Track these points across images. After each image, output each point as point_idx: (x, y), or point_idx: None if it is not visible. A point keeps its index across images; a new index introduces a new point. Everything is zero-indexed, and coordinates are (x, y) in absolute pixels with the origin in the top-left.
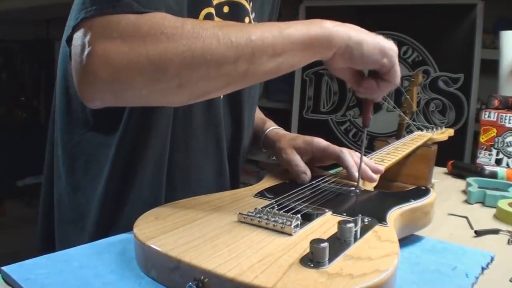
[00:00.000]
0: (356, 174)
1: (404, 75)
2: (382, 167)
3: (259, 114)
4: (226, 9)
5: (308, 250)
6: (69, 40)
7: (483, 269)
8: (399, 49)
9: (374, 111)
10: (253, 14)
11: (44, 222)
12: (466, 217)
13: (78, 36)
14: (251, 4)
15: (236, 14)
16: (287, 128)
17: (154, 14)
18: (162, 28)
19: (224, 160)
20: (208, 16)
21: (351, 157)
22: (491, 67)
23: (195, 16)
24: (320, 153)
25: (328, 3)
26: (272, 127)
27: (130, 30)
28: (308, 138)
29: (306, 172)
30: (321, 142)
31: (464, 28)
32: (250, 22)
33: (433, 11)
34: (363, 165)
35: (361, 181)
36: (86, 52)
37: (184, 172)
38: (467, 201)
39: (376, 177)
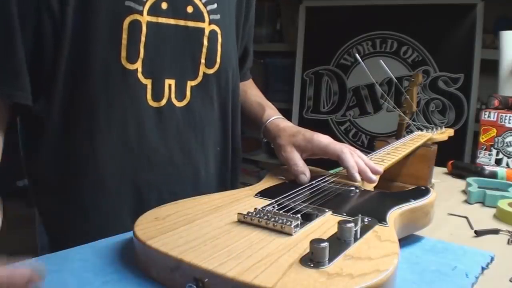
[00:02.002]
0: (357, 175)
1: (404, 75)
2: (381, 168)
3: (255, 97)
4: (164, 5)
5: (308, 250)
6: None
7: (483, 269)
8: (399, 49)
9: (374, 111)
10: None
11: None
12: (466, 217)
13: None
14: None
15: (175, 8)
16: None
17: None
18: None
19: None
20: (134, 24)
21: (352, 156)
22: (491, 67)
23: (118, 27)
24: (320, 152)
25: (328, 3)
26: (272, 117)
27: None
28: (308, 134)
29: (305, 172)
30: (321, 140)
31: (464, 28)
32: (195, 9)
33: (433, 11)
34: (363, 166)
35: (361, 181)
36: None
37: (156, 187)
38: (467, 201)
39: (376, 178)
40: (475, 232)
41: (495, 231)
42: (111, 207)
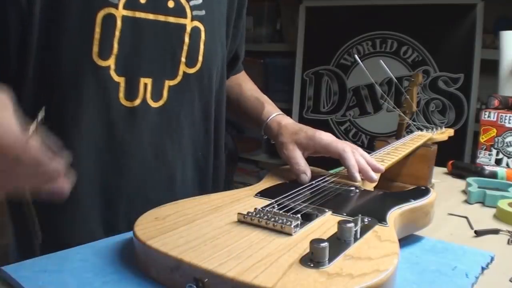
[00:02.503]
0: (357, 175)
1: (404, 75)
2: (383, 167)
3: (252, 91)
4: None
5: (308, 250)
6: None
7: (483, 269)
8: (399, 49)
9: (374, 111)
10: None
11: None
12: (466, 217)
13: None
14: None
15: (155, 2)
16: None
17: None
18: None
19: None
20: (108, 18)
21: (353, 155)
22: (491, 67)
23: (91, 20)
24: (322, 150)
25: (328, 3)
26: (273, 114)
27: None
28: (310, 132)
29: (306, 172)
30: (323, 138)
31: (464, 28)
32: (176, 4)
33: (433, 11)
34: (364, 165)
35: (361, 181)
36: None
37: (127, 193)
38: (467, 201)
39: (376, 178)
40: (475, 232)
41: (495, 231)
42: (78, 214)
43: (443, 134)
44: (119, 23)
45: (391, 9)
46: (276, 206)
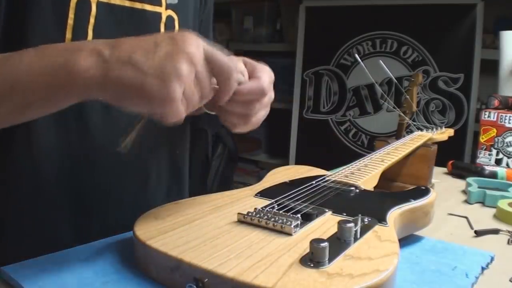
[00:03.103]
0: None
1: (404, 75)
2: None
3: None
4: None
5: (308, 250)
6: None
7: (483, 269)
8: (399, 49)
9: (374, 111)
10: None
11: None
12: (466, 217)
13: None
14: None
15: None
16: (287, 128)
17: None
18: None
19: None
20: (82, 3)
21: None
22: (491, 67)
23: (63, 7)
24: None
25: (328, 3)
26: None
27: None
28: None
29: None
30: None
31: (464, 28)
32: None
33: (433, 11)
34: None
35: (361, 180)
36: None
37: (99, 193)
38: (467, 201)
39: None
40: (475, 232)
41: (495, 231)
42: (47, 217)
43: (443, 134)
44: (94, 9)
45: (391, 9)
46: (276, 206)
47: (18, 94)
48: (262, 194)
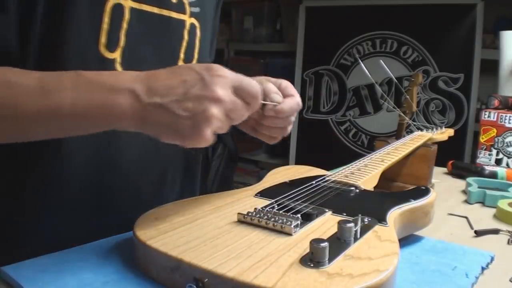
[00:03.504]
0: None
1: (404, 75)
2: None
3: None
4: None
5: (308, 250)
6: None
7: (483, 269)
8: (399, 49)
9: (374, 111)
10: None
11: None
12: (466, 217)
13: None
14: None
15: None
16: None
17: None
18: None
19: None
20: (117, 8)
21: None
22: (491, 67)
23: (100, 9)
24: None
25: (328, 3)
26: None
27: None
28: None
29: (278, 92)
30: (268, 84)
31: (464, 28)
32: (178, 0)
33: (433, 11)
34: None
35: (361, 180)
36: None
37: (118, 189)
38: (467, 201)
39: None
40: (475, 232)
41: (495, 231)
42: (68, 214)
43: (443, 134)
44: (127, 14)
45: (391, 9)
46: (276, 206)
47: (56, 120)
48: (262, 194)
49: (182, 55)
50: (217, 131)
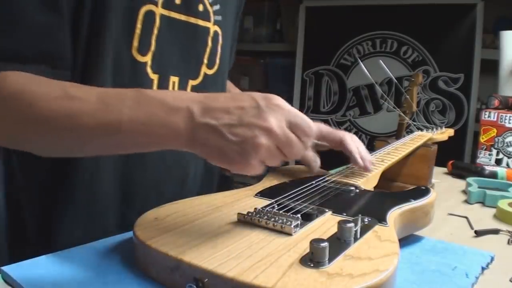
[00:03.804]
0: (360, 161)
1: (404, 75)
2: (380, 167)
3: (234, 90)
4: (178, 0)
5: (308, 250)
6: None
7: (483, 269)
8: (399, 49)
9: (374, 111)
10: None
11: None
12: (466, 217)
13: None
14: None
15: (189, 4)
16: None
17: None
18: (2, 94)
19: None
20: (149, 15)
21: (353, 143)
22: (491, 67)
23: (134, 15)
24: (321, 138)
25: (328, 3)
26: None
27: None
28: None
29: (316, 160)
30: (322, 126)
31: (464, 28)
32: (204, 8)
33: (433, 11)
34: (364, 152)
35: (361, 180)
36: None
37: (143, 185)
38: (467, 201)
39: (371, 168)
40: (475, 232)
41: (495, 231)
42: (99, 206)
43: (443, 134)
44: (157, 21)
45: (391, 9)
46: (276, 206)
47: (114, 135)
48: (262, 194)
49: (205, 61)
50: (267, 162)
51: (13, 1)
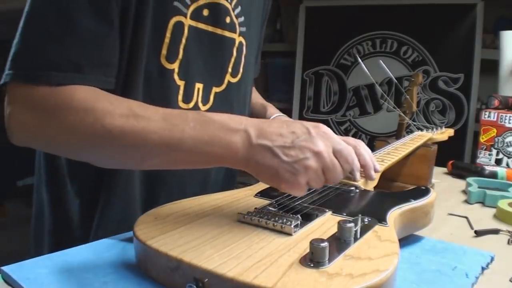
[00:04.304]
0: (357, 175)
1: (404, 75)
2: (380, 167)
3: (258, 99)
4: (206, 12)
5: (308, 250)
6: None
7: (483, 269)
8: (399, 49)
9: (374, 111)
10: (238, 8)
11: (35, 228)
12: (466, 217)
13: (5, 92)
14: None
15: (216, 16)
16: None
17: (68, 88)
18: (70, 107)
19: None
20: (178, 26)
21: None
22: (491, 67)
23: (163, 27)
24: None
25: (328, 3)
26: (275, 115)
27: (42, 103)
28: None
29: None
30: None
31: (464, 28)
32: (231, 20)
33: (433, 11)
34: (367, 161)
35: (361, 180)
36: (7, 111)
37: (167, 185)
38: (467, 201)
39: (375, 176)
40: (475, 232)
41: (495, 231)
42: (129, 200)
43: (443, 134)
44: (186, 31)
45: (391, 9)
46: (276, 206)
47: (175, 152)
48: (262, 194)
49: (230, 70)
50: (311, 184)
51: (67, 13)
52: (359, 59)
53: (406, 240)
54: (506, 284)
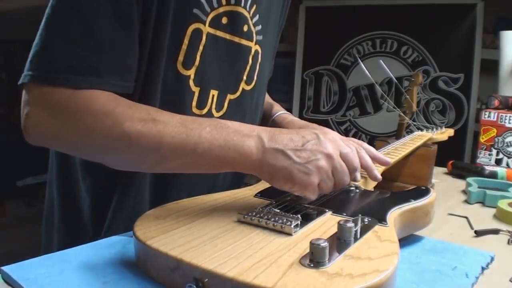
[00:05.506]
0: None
1: (404, 75)
2: (390, 160)
3: (266, 98)
4: (225, 20)
5: (308, 250)
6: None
7: (483, 269)
8: (399, 49)
9: (374, 111)
10: (256, 17)
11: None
12: (466, 217)
13: (23, 91)
14: (254, 8)
15: (235, 24)
16: None
17: (88, 92)
18: (89, 110)
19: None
20: (196, 33)
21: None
22: (491, 67)
23: (181, 33)
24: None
25: (328, 3)
26: (280, 112)
27: (60, 105)
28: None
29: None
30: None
31: (464, 28)
32: (249, 29)
33: (433, 11)
34: (368, 163)
35: (361, 180)
36: (25, 111)
37: (176, 188)
38: (467, 201)
39: (381, 177)
40: (475, 232)
41: (495, 231)
42: (138, 200)
43: (443, 134)
44: (204, 38)
45: (391, 9)
46: (276, 206)
47: (191, 155)
48: (262, 194)
49: (245, 77)
50: (322, 186)
51: (87, 16)
52: (359, 59)
53: (406, 240)
54: (506, 284)
